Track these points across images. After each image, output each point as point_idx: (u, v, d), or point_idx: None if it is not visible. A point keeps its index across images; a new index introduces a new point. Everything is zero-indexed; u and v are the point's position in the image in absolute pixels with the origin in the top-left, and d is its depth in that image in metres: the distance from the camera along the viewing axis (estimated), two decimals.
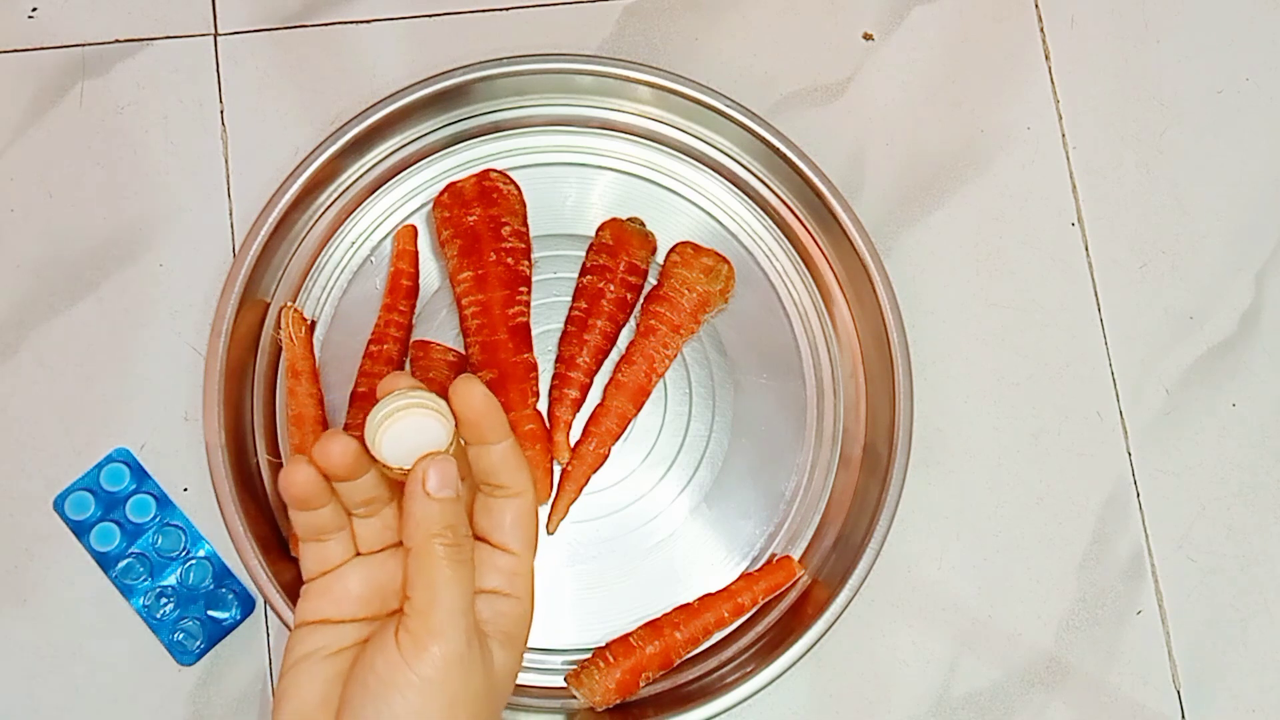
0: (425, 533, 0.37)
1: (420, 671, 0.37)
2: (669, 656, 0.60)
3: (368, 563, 0.41)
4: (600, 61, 0.64)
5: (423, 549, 0.38)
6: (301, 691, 0.40)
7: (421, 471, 0.38)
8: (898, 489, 0.60)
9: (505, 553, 0.40)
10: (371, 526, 0.42)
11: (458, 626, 0.37)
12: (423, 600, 0.37)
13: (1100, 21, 0.71)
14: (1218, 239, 0.69)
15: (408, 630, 0.37)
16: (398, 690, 0.37)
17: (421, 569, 0.37)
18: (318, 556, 0.41)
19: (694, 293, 0.63)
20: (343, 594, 0.41)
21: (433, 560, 0.37)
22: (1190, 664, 0.64)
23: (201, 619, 0.59)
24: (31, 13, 0.67)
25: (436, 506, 0.37)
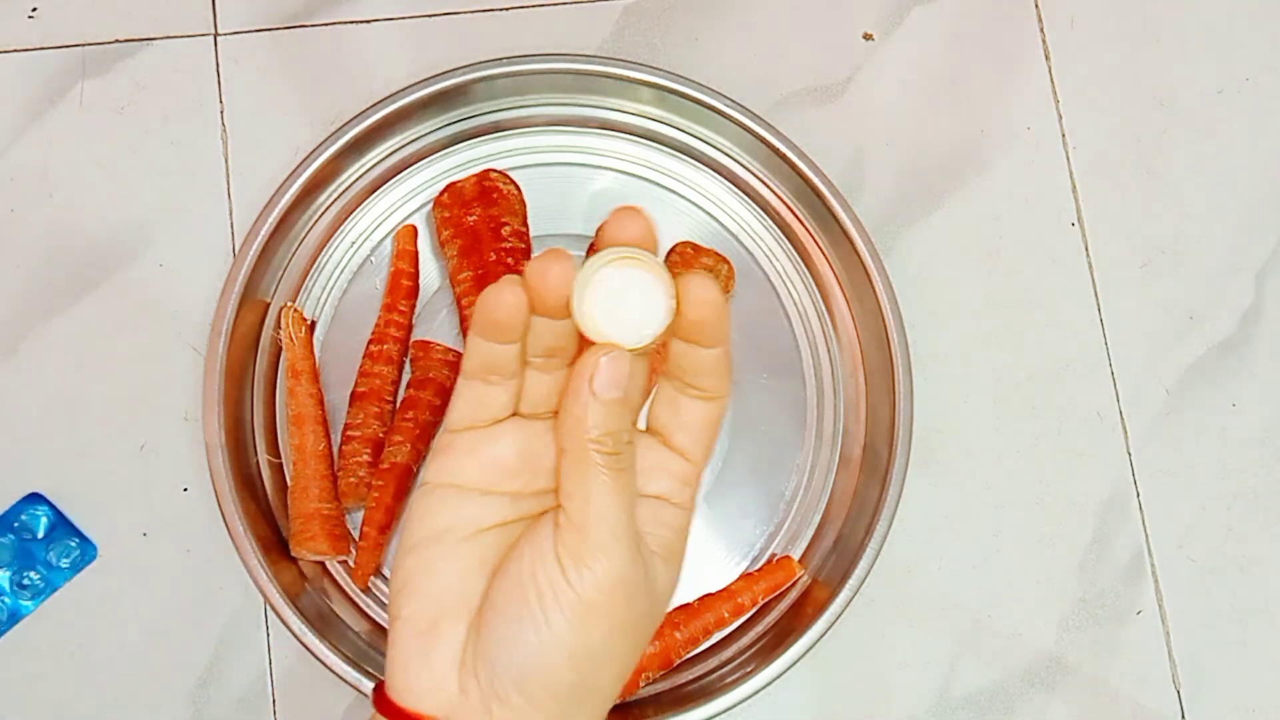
0: (583, 436, 0.33)
1: (584, 593, 0.33)
2: (669, 656, 0.60)
3: (527, 426, 0.36)
4: (600, 61, 0.64)
5: (580, 454, 0.33)
6: (436, 582, 0.34)
7: (591, 366, 0.32)
8: (897, 489, 0.60)
9: (682, 458, 0.36)
10: (543, 384, 0.36)
11: (620, 541, 0.33)
12: (580, 513, 0.33)
13: (1100, 21, 0.71)
14: (1218, 239, 0.69)
15: (566, 545, 0.33)
16: (559, 608, 0.33)
17: (578, 477, 0.33)
18: (476, 400, 0.35)
19: None
20: (492, 456, 0.35)
21: (590, 469, 0.33)
22: (1190, 664, 0.64)
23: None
24: (31, 13, 0.67)
25: (601, 408, 0.32)
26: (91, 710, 0.59)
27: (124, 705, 0.59)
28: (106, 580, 0.60)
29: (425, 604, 0.34)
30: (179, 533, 0.61)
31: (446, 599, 0.34)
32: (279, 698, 0.60)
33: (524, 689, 0.33)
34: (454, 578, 0.34)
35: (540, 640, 0.33)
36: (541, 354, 0.35)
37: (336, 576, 0.61)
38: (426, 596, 0.34)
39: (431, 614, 0.34)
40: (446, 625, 0.34)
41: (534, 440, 0.36)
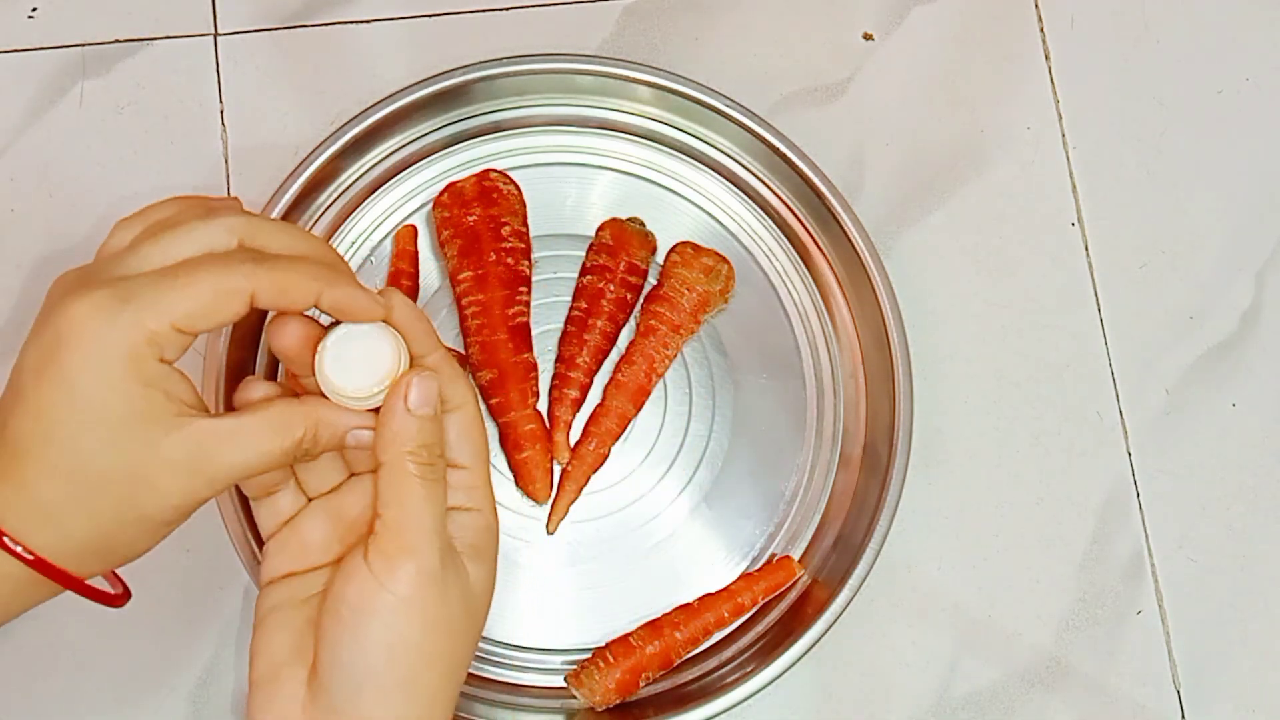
0: (400, 450, 0.37)
1: (396, 590, 0.36)
2: (669, 656, 0.60)
3: (322, 505, 0.41)
4: (600, 61, 0.64)
5: (397, 466, 0.37)
6: (272, 645, 0.39)
7: (405, 386, 0.37)
8: (897, 489, 0.60)
9: (457, 468, 0.39)
10: (317, 469, 0.41)
11: (432, 543, 0.37)
12: (395, 518, 0.36)
13: (1100, 21, 0.71)
14: (1218, 239, 0.69)
15: (380, 550, 0.36)
16: (374, 614, 0.36)
17: (395, 486, 0.37)
18: (270, 511, 0.41)
19: (694, 293, 0.63)
20: (301, 544, 0.40)
21: (406, 477, 0.36)
22: (1190, 664, 0.64)
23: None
24: (31, 13, 0.67)
25: (415, 423, 0.37)
26: (91, 710, 0.59)
27: (124, 705, 0.59)
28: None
29: (268, 661, 0.39)
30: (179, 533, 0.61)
31: (284, 654, 0.38)
32: None
33: (356, 702, 0.36)
34: (290, 639, 0.39)
35: (359, 647, 0.36)
36: (296, 461, 0.39)
37: None
38: (268, 655, 0.39)
39: (273, 668, 0.38)
40: (285, 673, 0.38)
41: (333, 511, 0.41)
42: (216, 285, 0.36)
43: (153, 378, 0.36)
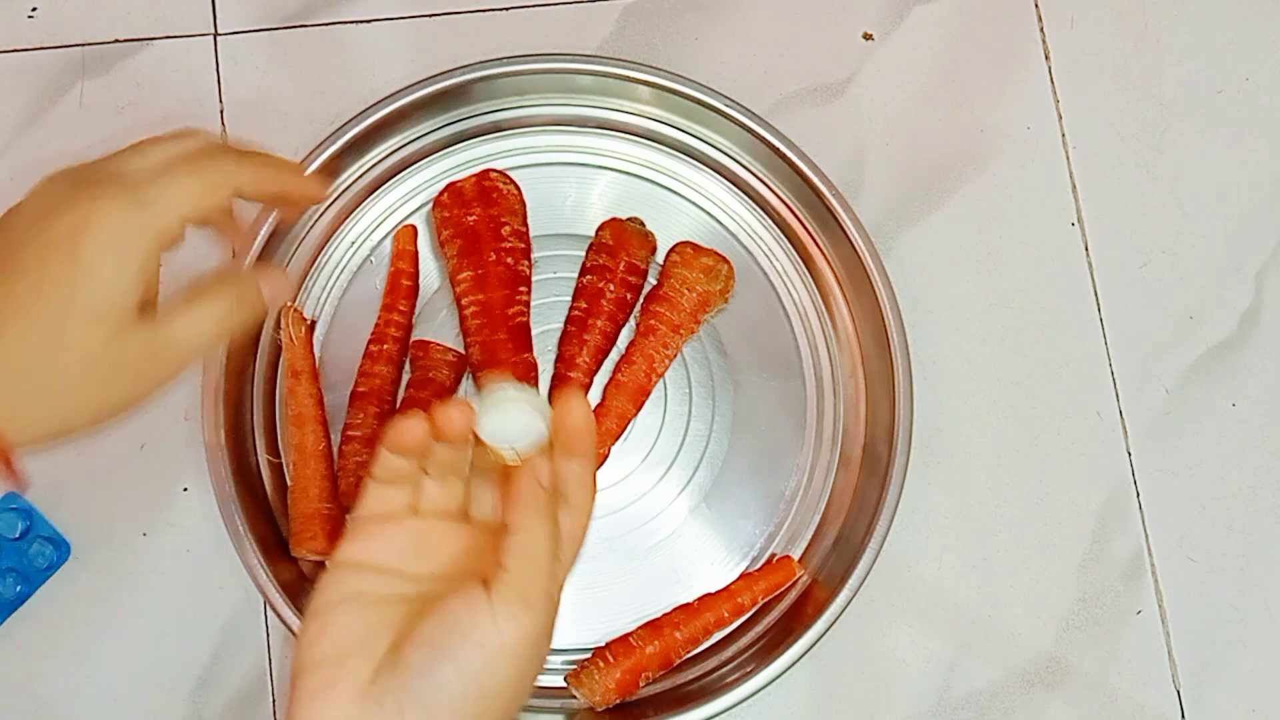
0: (539, 517, 0.40)
1: (506, 636, 0.38)
2: (669, 656, 0.60)
3: (420, 522, 0.42)
4: (600, 61, 0.64)
5: (535, 530, 0.39)
6: (341, 631, 0.40)
7: (542, 466, 0.40)
8: (898, 489, 0.60)
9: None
10: (435, 490, 0.43)
11: (547, 606, 0.39)
12: (523, 574, 0.39)
13: (1100, 21, 0.71)
14: (1218, 239, 0.69)
15: (503, 597, 0.38)
16: (480, 647, 0.38)
17: (529, 548, 0.39)
18: (380, 499, 0.42)
19: (694, 293, 0.63)
20: (392, 543, 0.42)
21: (542, 543, 0.39)
22: (1190, 664, 0.64)
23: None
24: (31, 13, 0.67)
25: (546, 496, 0.40)
26: (91, 710, 0.59)
27: (124, 705, 0.59)
28: (106, 580, 0.60)
29: (336, 645, 0.39)
30: (179, 533, 0.61)
31: (355, 643, 0.39)
32: (279, 698, 0.60)
33: (430, 711, 0.38)
34: (362, 629, 0.39)
35: (458, 669, 0.37)
36: (441, 469, 0.42)
37: None
38: (338, 639, 0.39)
39: (341, 653, 0.39)
40: (353, 663, 0.39)
41: (427, 535, 0.42)
42: (211, 178, 0.41)
43: (153, 276, 0.40)
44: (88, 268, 0.38)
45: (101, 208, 0.39)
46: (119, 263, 0.39)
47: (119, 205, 0.39)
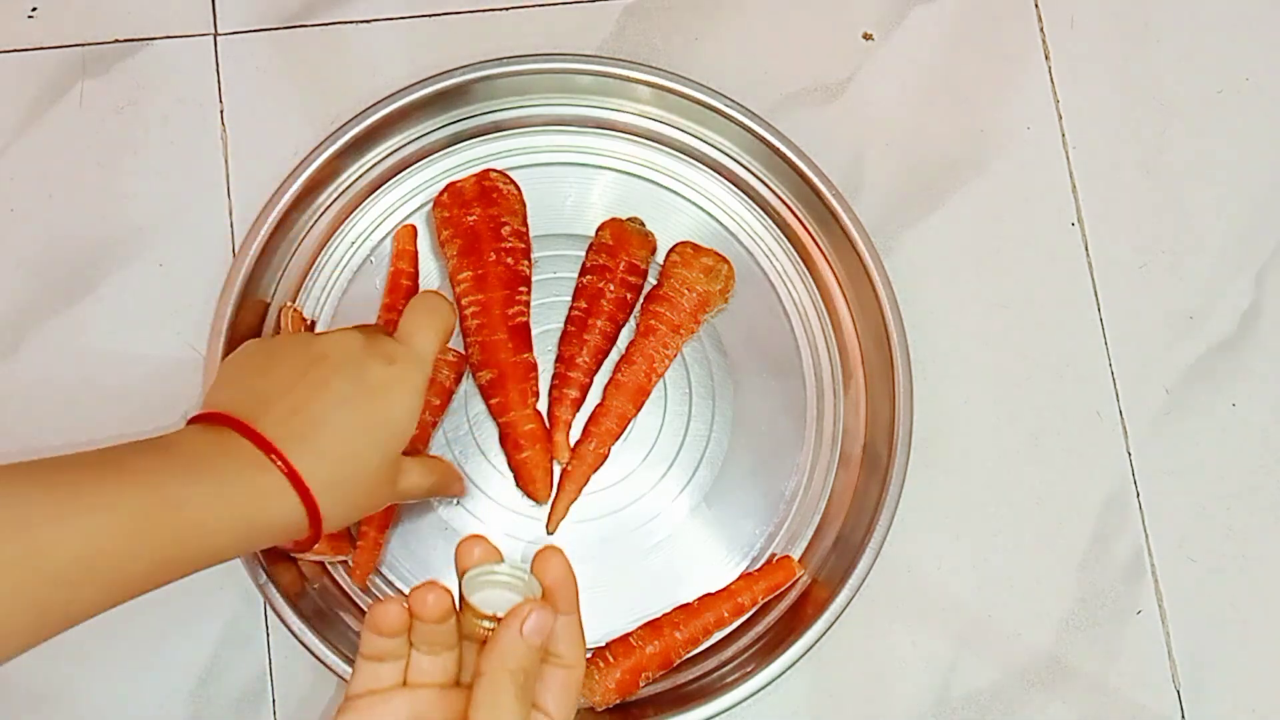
0: (504, 665, 0.41)
1: None
2: (669, 656, 0.60)
3: (413, 694, 0.43)
4: (600, 61, 0.64)
5: (498, 678, 0.40)
6: None
7: (526, 611, 0.41)
8: (898, 489, 0.60)
9: (544, 715, 0.43)
10: (425, 662, 0.44)
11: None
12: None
13: (1100, 21, 0.71)
14: (1218, 239, 0.69)
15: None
16: None
17: (490, 697, 0.40)
18: (371, 675, 0.43)
19: (694, 292, 0.63)
20: (385, 716, 0.43)
21: (502, 691, 0.40)
22: (1190, 664, 0.64)
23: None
24: (31, 12, 0.67)
25: (523, 646, 0.41)
26: (91, 710, 0.59)
27: (124, 705, 0.59)
28: None
29: None
30: None
31: None
32: (279, 698, 0.60)
33: None
34: None
35: None
36: (427, 643, 0.43)
37: (336, 576, 0.61)
38: None
39: None
40: None
41: (420, 705, 0.43)
42: (444, 327, 0.53)
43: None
44: (395, 407, 0.49)
45: (407, 372, 0.50)
46: (413, 410, 0.50)
47: (415, 370, 0.50)
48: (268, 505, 0.46)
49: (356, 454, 0.48)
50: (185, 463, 0.45)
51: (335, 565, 0.61)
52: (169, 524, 0.44)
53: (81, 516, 0.42)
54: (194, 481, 0.44)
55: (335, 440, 0.47)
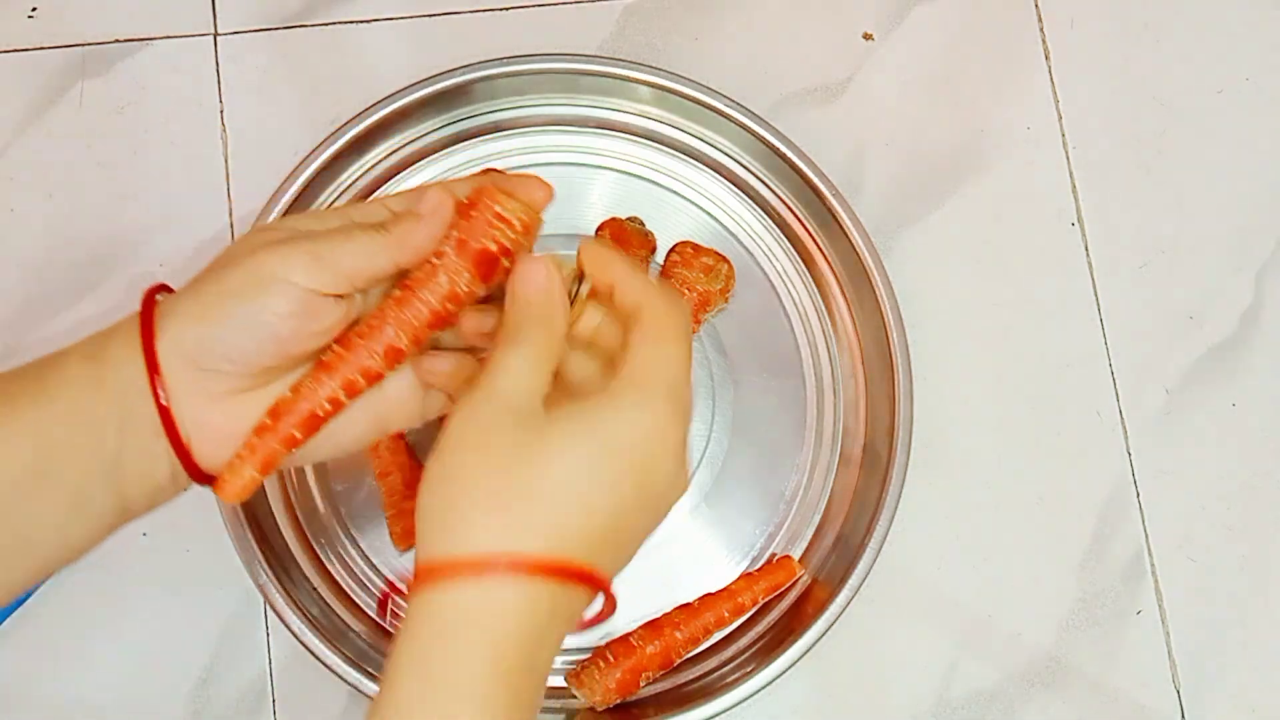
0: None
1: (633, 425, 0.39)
2: (669, 656, 0.60)
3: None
4: (600, 61, 0.64)
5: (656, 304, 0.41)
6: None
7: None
8: (898, 489, 0.60)
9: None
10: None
11: (671, 392, 0.40)
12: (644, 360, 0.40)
13: (1100, 21, 0.71)
14: (1218, 239, 0.69)
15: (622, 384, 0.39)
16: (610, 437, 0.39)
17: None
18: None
19: (694, 292, 0.63)
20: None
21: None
22: (1190, 664, 0.64)
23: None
24: (31, 12, 0.67)
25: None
26: (91, 710, 0.59)
27: (124, 705, 0.59)
28: (106, 580, 0.60)
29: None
30: (179, 533, 0.61)
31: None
32: (279, 698, 0.60)
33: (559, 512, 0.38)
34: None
35: (589, 464, 0.39)
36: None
37: (337, 577, 0.61)
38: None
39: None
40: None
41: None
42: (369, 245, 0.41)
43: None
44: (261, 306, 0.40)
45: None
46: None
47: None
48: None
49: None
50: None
51: (335, 565, 0.61)
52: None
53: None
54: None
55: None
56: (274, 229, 0.41)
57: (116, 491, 0.39)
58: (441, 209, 0.42)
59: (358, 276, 0.40)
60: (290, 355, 0.40)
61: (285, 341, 0.39)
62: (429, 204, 0.42)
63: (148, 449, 0.39)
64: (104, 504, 0.39)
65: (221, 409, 0.40)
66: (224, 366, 0.39)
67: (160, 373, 0.39)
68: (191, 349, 0.39)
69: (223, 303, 0.39)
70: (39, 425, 0.38)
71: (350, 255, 0.40)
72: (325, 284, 0.39)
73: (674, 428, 0.39)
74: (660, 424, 0.39)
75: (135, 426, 0.39)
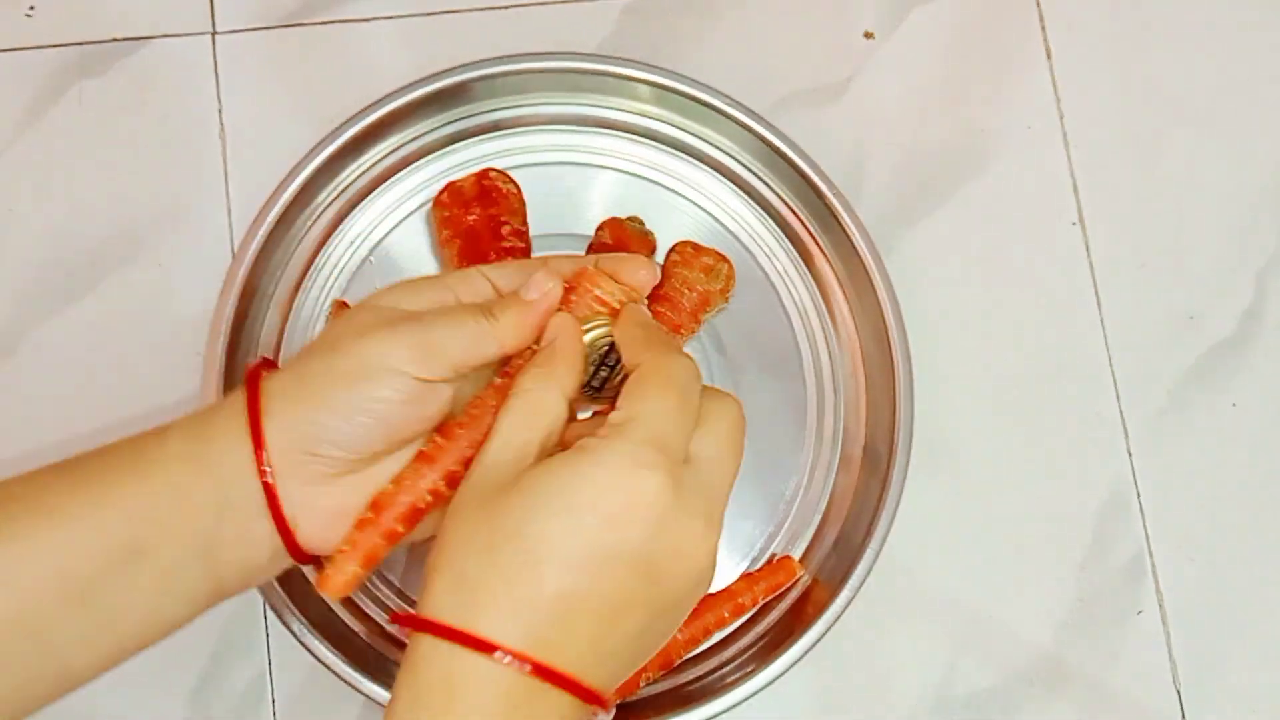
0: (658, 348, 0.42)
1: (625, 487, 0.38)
2: (669, 656, 0.60)
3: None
4: (600, 61, 0.64)
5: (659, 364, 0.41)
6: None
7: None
8: (898, 489, 0.60)
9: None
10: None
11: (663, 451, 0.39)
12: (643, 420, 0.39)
13: (1101, 21, 0.71)
14: (1218, 239, 0.69)
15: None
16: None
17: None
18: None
19: (694, 292, 0.63)
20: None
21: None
22: (1190, 664, 0.64)
23: None
24: (29, 11, 0.67)
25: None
26: (91, 710, 0.59)
27: (124, 706, 0.59)
28: None
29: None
30: None
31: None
32: (279, 698, 0.60)
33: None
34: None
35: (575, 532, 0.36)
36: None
37: None
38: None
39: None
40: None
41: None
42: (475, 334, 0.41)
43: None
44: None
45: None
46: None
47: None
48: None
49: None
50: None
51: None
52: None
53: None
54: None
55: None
56: (378, 309, 0.41)
57: (211, 573, 0.39)
58: (551, 295, 0.41)
59: (464, 365, 0.40)
60: (397, 440, 0.40)
61: (394, 428, 0.39)
62: (537, 289, 0.41)
63: (247, 531, 0.39)
64: (197, 585, 0.39)
65: (324, 491, 0.40)
66: (331, 452, 0.39)
67: (266, 450, 0.38)
68: (298, 433, 0.39)
69: (333, 389, 0.39)
70: (137, 503, 0.38)
71: (458, 344, 0.40)
72: (434, 372, 0.39)
73: (672, 493, 0.36)
74: (650, 486, 0.35)
75: (236, 508, 0.39)
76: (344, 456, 0.39)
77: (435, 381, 0.39)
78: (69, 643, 0.38)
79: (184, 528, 0.38)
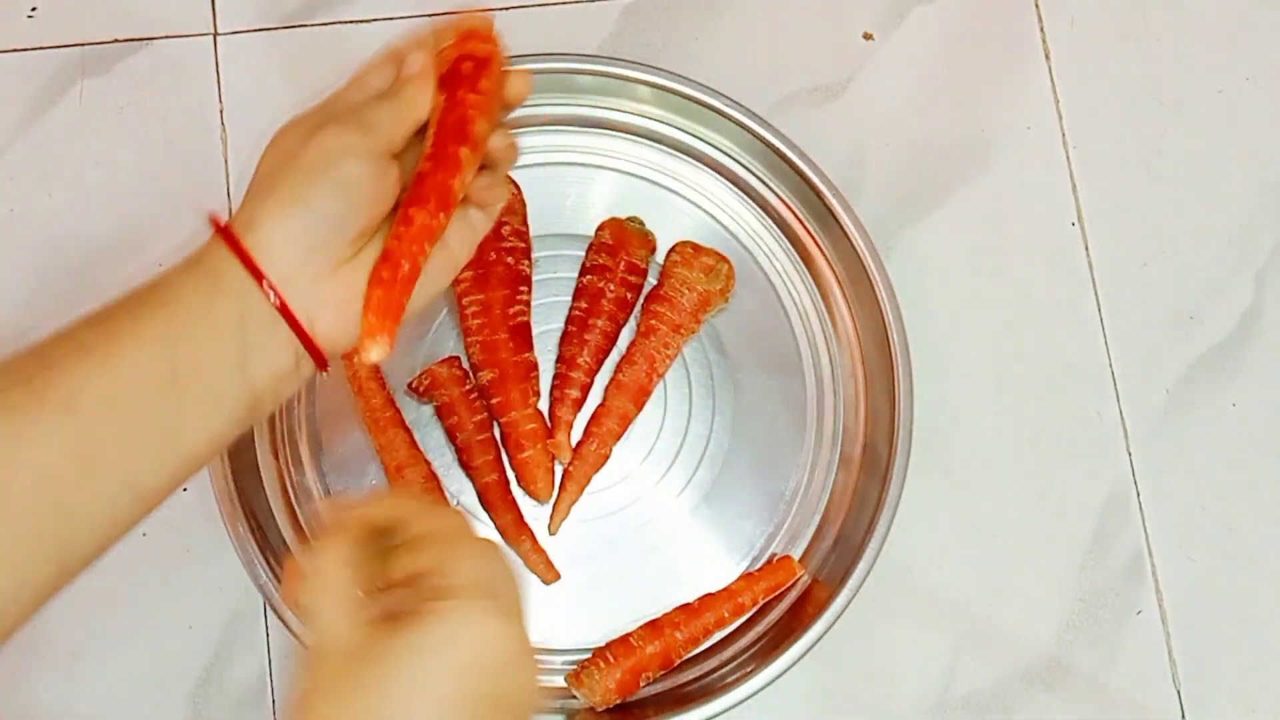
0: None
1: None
2: (669, 656, 0.60)
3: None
4: (600, 61, 0.64)
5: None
6: None
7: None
8: (898, 489, 0.60)
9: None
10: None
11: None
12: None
13: (1100, 21, 0.71)
14: (1218, 239, 0.69)
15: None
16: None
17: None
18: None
19: (694, 292, 0.63)
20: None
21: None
22: (1190, 664, 0.64)
23: None
24: (31, 12, 0.67)
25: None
26: (91, 710, 0.59)
27: (124, 706, 0.59)
28: (106, 580, 0.60)
29: None
30: (179, 533, 0.61)
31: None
32: (279, 698, 0.60)
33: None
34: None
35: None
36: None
37: None
38: None
39: None
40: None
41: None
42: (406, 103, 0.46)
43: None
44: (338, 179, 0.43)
45: (339, 141, 0.44)
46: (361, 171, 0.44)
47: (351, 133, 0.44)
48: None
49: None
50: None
51: None
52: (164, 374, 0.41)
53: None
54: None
55: None
56: (308, 118, 0.45)
57: (247, 385, 0.42)
58: (427, 64, 0.47)
59: (398, 135, 0.45)
60: (374, 216, 0.44)
61: (370, 202, 0.43)
62: (416, 66, 0.46)
63: (269, 338, 0.42)
64: (237, 398, 0.42)
65: (330, 284, 0.43)
66: (327, 237, 0.43)
67: (264, 273, 0.42)
68: (295, 233, 0.42)
69: (308, 184, 0.43)
70: (168, 332, 0.41)
71: (388, 118, 0.45)
72: (379, 144, 0.44)
73: (505, 624, 0.39)
74: (498, 630, 0.38)
75: (254, 319, 0.42)
76: (339, 240, 0.43)
77: (382, 156, 0.44)
78: (139, 463, 0.42)
79: (213, 347, 0.42)
